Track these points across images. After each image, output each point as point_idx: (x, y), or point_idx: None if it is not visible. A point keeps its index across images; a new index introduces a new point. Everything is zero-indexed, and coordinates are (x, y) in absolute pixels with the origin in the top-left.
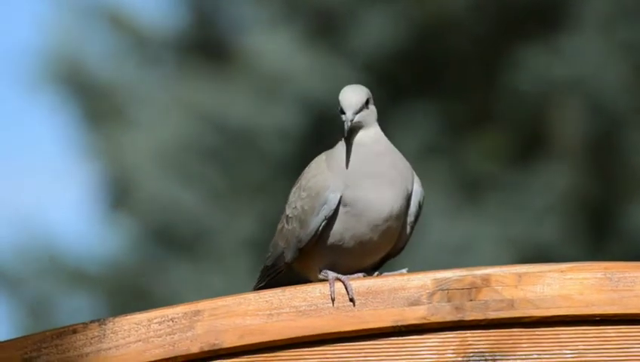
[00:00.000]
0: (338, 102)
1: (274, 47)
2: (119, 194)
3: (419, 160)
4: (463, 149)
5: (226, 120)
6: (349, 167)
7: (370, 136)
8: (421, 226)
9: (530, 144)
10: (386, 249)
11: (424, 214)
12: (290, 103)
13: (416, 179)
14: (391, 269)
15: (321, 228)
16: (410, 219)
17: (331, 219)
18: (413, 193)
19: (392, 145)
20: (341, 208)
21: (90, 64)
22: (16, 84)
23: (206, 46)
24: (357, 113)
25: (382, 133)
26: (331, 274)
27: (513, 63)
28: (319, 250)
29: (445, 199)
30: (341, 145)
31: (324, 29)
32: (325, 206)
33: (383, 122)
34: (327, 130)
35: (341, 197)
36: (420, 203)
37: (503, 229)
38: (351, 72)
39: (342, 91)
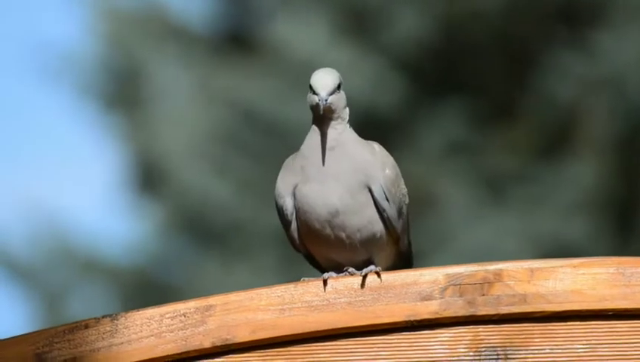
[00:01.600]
0: (310, 86)
1: (304, 37)
2: (146, 184)
3: (445, 155)
4: (489, 145)
5: (256, 109)
6: (302, 163)
7: (331, 130)
8: (444, 222)
9: (556, 141)
10: (361, 243)
11: (446, 210)
12: None
13: (386, 167)
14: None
15: (290, 227)
16: (386, 210)
17: (295, 218)
18: (374, 185)
19: (351, 136)
20: (296, 205)
21: (119, 49)
22: (42, 71)
23: (237, 34)
24: (330, 95)
25: (343, 125)
26: (325, 274)
27: (541, 60)
28: (307, 245)
29: (470, 195)
30: (305, 140)
31: (355, 21)
32: (283, 208)
33: (410, 117)
34: (357, 122)
35: (295, 195)
36: (385, 194)
37: (527, 226)
38: (380, 65)
39: (314, 74)
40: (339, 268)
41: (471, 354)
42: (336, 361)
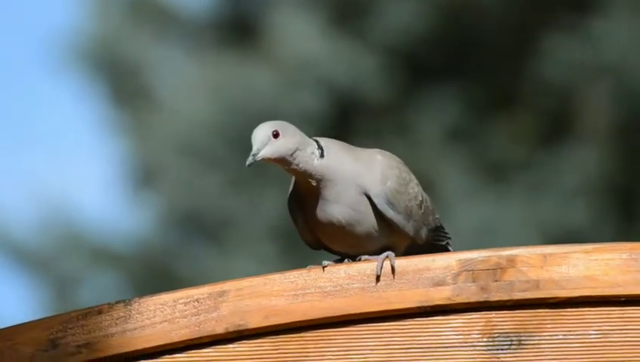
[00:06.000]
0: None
1: (299, 30)
2: (146, 175)
3: (444, 143)
4: (489, 132)
5: (250, 103)
6: (303, 201)
7: (302, 172)
8: (444, 209)
9: (557, 127)
10: (372, 243)
11: (446, 197)
12: (315, 88)
13: (387, 180)
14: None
15: (303, 234)
16: (393, 218)
17: (310, 227)
18: (375, 198)
19: (330, 160)
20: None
21: (118, 44)
22: (45, 64)
23: (233, 27)
24: (262, 148)
25: (312, 161)
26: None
27: (540, 46)
28: (324, 243)
29: (471, 182)
30: (291, 187)
31: (350, 12)
32: (294, 221)
33: (409, 104)
34: (351, 114)
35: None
36: (388, 206)
37: (529, 212)
38: (375, 56)
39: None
40: (354, 257)
41: (484, 339)
42: (349, 347)
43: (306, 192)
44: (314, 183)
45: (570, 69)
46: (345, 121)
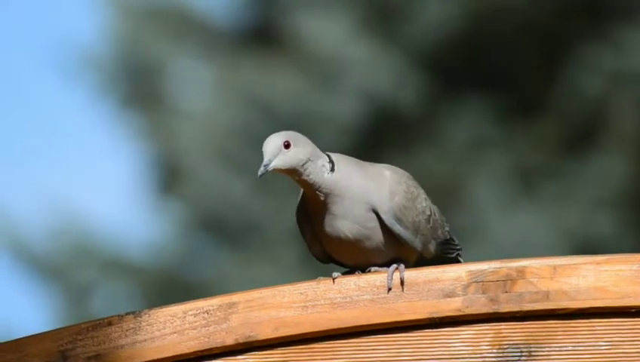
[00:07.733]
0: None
1: (328, 33)
2: (166, 182)
3: (472, 150)
4: (516, 140)
5: (277, 107)
6: (311, 214)
7: (312, 184)
8: (472, 218)
9: (584, 136)
10: (380, 258)
11: (473, 205)
12: (344, 91)
13: (395, 196)
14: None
15: (312, 247)
16: (401, 233)
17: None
18: (383, 214)
19: (339, 175)
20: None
21: (140, 47)
22: (64, 68)
23: (259, 30)
24: (273, 159)
25: (322, 173)
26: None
27: (569, 54)
28: (333, 256)
29: (498, 190)
30: (300, 198)
31: (378, 14)
32: (302, 234)
33: (436, 112)
34: (381, 119)
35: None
36: (396, 221)
37: (555, 221)
38: (404, 60)
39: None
40: (364, 268)
41: (494, 351)
42: (358, 358)
43: (313, 206)
44: (322, 197)
45: (598, 77)
46: (375, 126)
